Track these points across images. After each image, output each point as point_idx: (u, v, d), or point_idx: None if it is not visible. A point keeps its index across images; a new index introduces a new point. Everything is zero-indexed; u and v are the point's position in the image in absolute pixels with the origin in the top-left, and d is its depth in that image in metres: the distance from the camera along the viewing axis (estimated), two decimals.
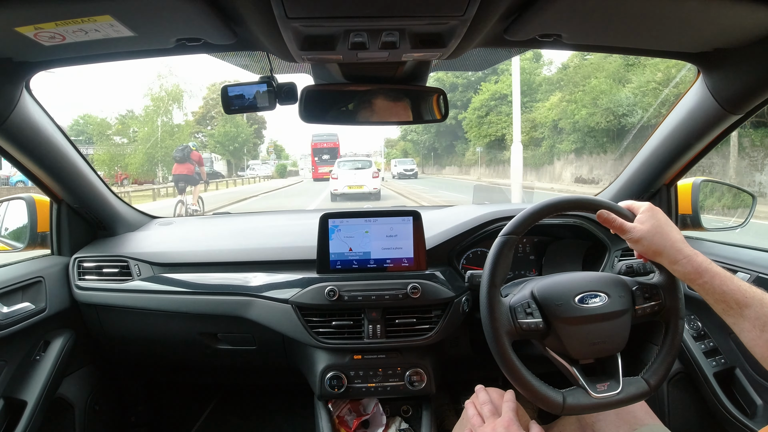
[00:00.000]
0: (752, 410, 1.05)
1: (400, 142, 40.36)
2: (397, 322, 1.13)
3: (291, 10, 0.63)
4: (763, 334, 0.66)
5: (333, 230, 1.17)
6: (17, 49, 0.79)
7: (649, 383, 0.80)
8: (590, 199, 0.84)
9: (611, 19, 0.76)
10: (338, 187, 12.43)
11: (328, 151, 22.58)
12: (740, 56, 0.86)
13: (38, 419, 1.09)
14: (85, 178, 1.25)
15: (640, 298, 0.82)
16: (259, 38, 0.81)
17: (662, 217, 0.77)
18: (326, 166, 22.24)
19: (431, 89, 1.05)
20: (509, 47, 0.93)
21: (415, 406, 1.23)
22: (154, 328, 1.31)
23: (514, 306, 0.80)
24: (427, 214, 1.26)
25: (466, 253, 1.35)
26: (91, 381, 1.37)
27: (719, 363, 1.12)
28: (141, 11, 0.68)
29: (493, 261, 0.80)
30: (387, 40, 0.74)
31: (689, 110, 1.06)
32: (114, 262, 1.28)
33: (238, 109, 0.98)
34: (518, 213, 0.82)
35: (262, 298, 1.17)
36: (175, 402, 1.77)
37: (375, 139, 67.66)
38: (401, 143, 39.62)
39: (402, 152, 37.68)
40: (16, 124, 0.97)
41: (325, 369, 1.15)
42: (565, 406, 0.76)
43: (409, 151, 37.50)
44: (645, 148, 1.24)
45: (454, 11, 0.65)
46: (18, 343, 1.12)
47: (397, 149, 42.67)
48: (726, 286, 0.69)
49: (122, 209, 1.44)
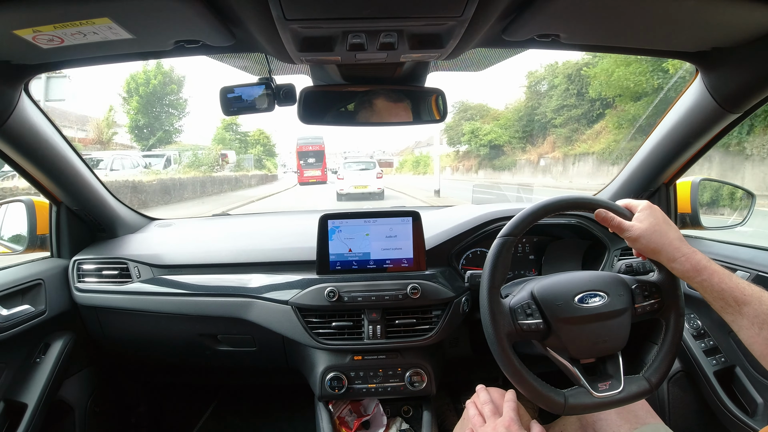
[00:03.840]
0: (753, 409, 1.05)
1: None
2: (397, 322, 1.13)
3: (289, 11, 0.63)
4: (761, 331, 0.66)
5: (332, 231, 1.17)
6: (16, 51, 0.79)
7: (650, 381, 0.80)
8: (588, 198, 0.84)
9: (609, 18, 0.76)
10: (344, 187, 13.24)
11: (314, 154, 22.10)
12: (738, 55, 0.86)
13: (38, 422, 1.08)
14: (84, 180, 1.25)
15: (639, 297, 0.82)
16: (257, 40, 0.81)
17: (660, 215, 0.77)
18: (312, 170, 21.79)
19: (430, 90, 1.05)
20: (508, 47, 0.93)
21: (415, 406, 1.23)
22: (154, 329, 1.30)
23: (514, 307, 0.80)
24: (427, 214, 1.26)
25: (466, 253, 1.35)
26: (92, 383, 1.37)
27: (719, 362, 1.12)
28: (139, 14, 0.68)
29: (492, 263, 0.80)
30: (385, 41, 0.74)
31: (688, 109, 1.06)
32: (113, 264, 1.28)
33: (236, 110, 0.98)
34: (517, 213, 0.83)
35: (261, 300, 1.17)
36: (176, 403, 1.77)
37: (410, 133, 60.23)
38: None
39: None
40: (15, 127, 0.97)
41: (326, 370, 1.15)
42: (567, 406, 0.76)
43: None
44: (644, 147, 1.24)
45: (452, 12, 0.66)
46: (18, 345, 1.12)
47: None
48: (724, 283, 0.70)
49: (121, 211, 1.44)
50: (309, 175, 21.83)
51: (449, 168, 31.23)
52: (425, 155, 40.03)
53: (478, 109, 27.44)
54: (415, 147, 48.26)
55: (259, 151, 29.05)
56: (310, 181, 21.65)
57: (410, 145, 52.67)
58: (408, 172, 40.81)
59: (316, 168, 22.03)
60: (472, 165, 27.01)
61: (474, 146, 25.03)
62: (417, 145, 48.26)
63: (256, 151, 28.70)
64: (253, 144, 29.26)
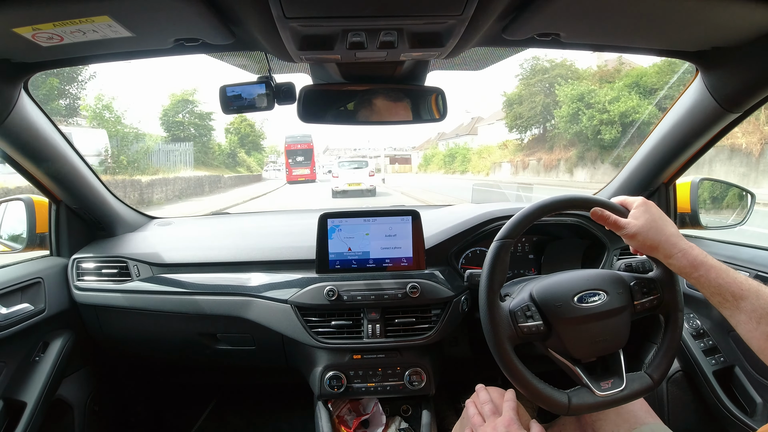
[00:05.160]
0: (752, 408, 1.05)
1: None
2: (397, 321, 1.13)
3: (289, 10, 0.63)
4: (759, 326, 0.66)
5: (332, 230, 1.17)
6: (15, 50, 0.79)
7: (652, 377, 0.80)
8: (583, 197, 0.83)
9: (609, 18, 0.76)
10: (339, 185, 14.11)
11: (303, 152, 21.86)
12: (738, 54, 0.86)
13: (38, 420, 1.08)
14: (84, 178, 1.25)
15: (638, 294, 0.82)
16: (257, 38, 0.80)
17: (656, 211, 0.77)
18: (300, 168, 21.45)
19: (430, 89, 1.05)
20: (508, 46, 0.94)
21: (414, 405, 1.23)
22: (153, 328, 1.30)
23: (514, 310, 0.80)
24: (426, 213, 1.26)
25: (465, 252, 1.35)
26: (91, 382, 1.37)
27: (719, 361, 1.12)
28: (139, 12, 0.68)
29: (490, 267, 0.80)
30: (385, 39, 0.74)
31: (688, 109, 1.06)
32: (113, 262, 1.28)
33: (236, 109, 0.98)
34: (516, 213, 0.82)
35: (261, 299, 1.17)
36: (175, 402, 1.77)
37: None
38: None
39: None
40: (15, 125, 0.97)
41: (325, 369, 1.15)
42: (570, 406, 0.76)
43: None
44: (643, 147, 1.24)
45: (452, 11, 0.65)
46: (17, 344, 1.12)
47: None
48: (722, 278, 0.69)
49: (121, 210, 1.44)
50: (298, 174, 21.64)
51: (507, 164, 21.33)
52: (462, 147, 31.10)
53: (565, 69, 17.15)
54: (440, 139, 41.23)
55: (232, 143, 23.15)
56: (299, 179, 21.49)
57: (432, 138, 45.31)
58: (437, 170, 32.25)
59: (305, 166, 21.85)
60: (559, 159, 16.23)
61: (584, 126, 14.19)
62: (441, 137, 41.19)
63: (228, 142, 22.92)
64: (234, 133, 23.30)
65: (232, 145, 23.53)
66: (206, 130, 20.26)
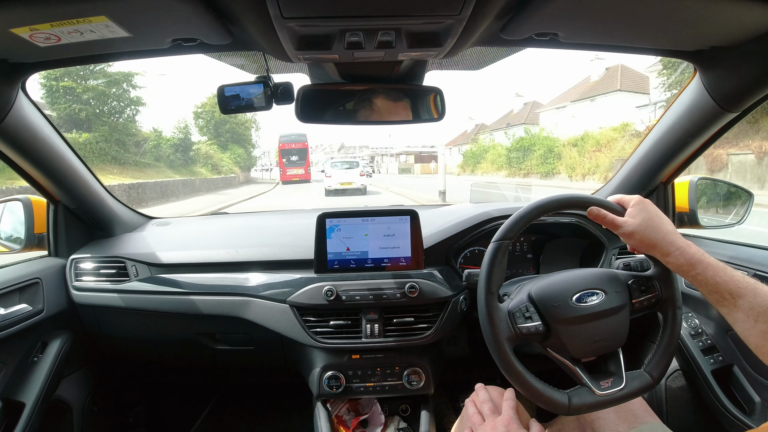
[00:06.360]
0: (750, 407, 1.05)
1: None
2: (395, 321, 1.13)
3: (286, 9, 0.63)
4: (756, 324, 0.66)
5: (331, 230, 1.16)
6: (12, 50, 0.79)
7: (652, 376, 0.80)
8: (580, 196, 0.83)
9: (608, 17, 0.76)
10: (331, 184, 15.23)
11: (297, 152, 21.63)
12: (737, 54, 0.86)
13: (36, 421, 1.08)
14: (82, 179, 1.24)
15: (636, 292, 0.82)
16: (255, 38, 0.80)
17: (653, 209, 0.77)
18: (295, 168, 21.17)
19: (428, 88, 1.05)
20: (506, 46, 0.93)
21: (413, 405, 1.23)
22: (152, 328, 1.30)
23: (513, 311, 0.80)
24: (425, 213, 1.26)
25: (464, 252, 1.35)
26: (89, 382, 1.37)
27: (717, 360, 1.12)
28: (136, 12, 0.68)
29: (488, 268, 0.80)
30: (383, 39, 0.74)
31: (686, 108, 1.06)
32: (111, 263, 1.28)
33: (234, 109, 0.98)
34: (514, 213, 0.82)
35: (259, 299, 1.17)
36: (173, 402, 1.77)
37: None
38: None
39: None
40: (12, 126, 0.97)
41: (324, 369, 1.15)
42: (571, 406, 0.76)
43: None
44: (642, 147, 1.24)
45: (450, 10, 0.65)
46: (15, 344, 1.11)
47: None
48: (719, 276, 0.69)
49: (119, 210, 1.43)
50: (292, 174, 21.40)
51: (701, 163, 10.28)
52: (539, 135, 19.80)
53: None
54: (480, 132, 32.61)
55: (183, 131, 17.13)
56: (293, 179, 21.26)
57: (468, 131, 37.07)
58: (494, 170, 22.27)
59: (299, 166, 21.63)
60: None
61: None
62: (480, 130, 32.99)
63: (178, 130, 16.80)
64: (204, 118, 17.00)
65: (186, 133, 16.95)
66: (122, 102, 12.67)
